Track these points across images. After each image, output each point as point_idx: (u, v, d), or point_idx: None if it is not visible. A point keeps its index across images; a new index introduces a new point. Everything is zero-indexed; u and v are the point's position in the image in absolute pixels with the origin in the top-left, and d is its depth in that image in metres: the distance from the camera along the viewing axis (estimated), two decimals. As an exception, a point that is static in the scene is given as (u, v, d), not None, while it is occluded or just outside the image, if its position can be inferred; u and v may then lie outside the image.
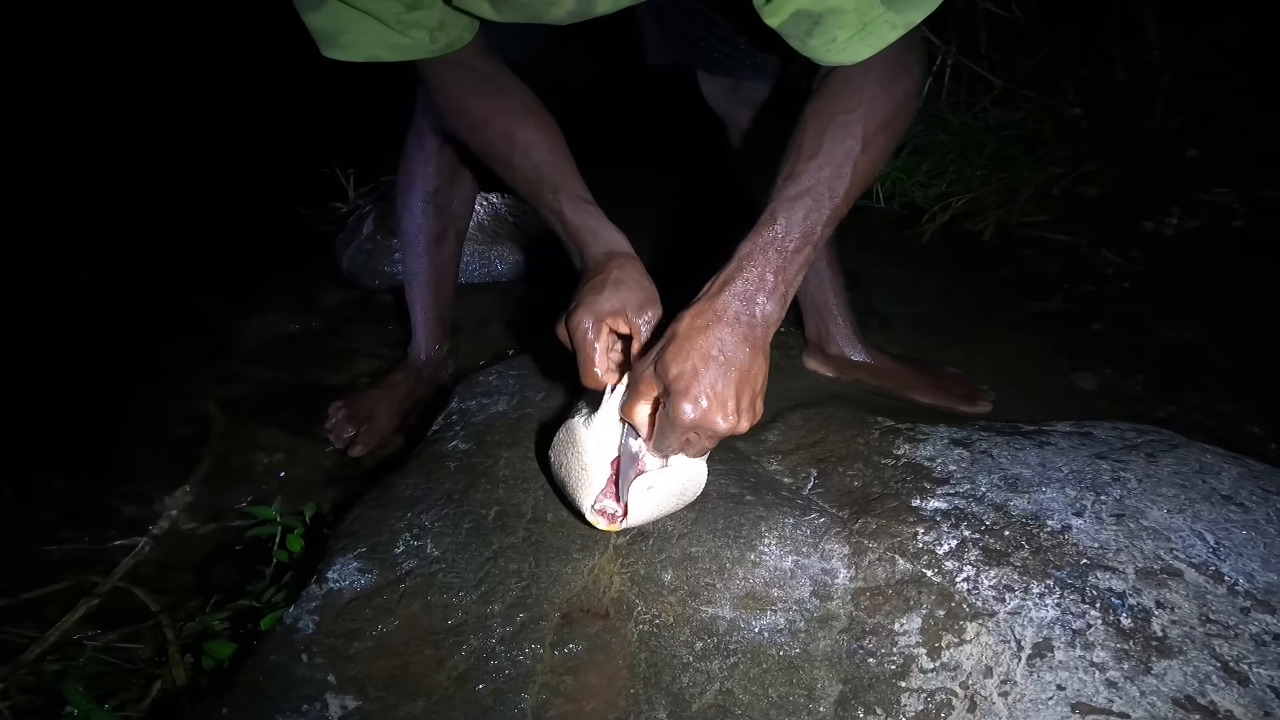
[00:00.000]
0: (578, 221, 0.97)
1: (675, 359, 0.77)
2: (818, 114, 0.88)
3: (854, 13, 0.85)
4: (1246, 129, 2.34)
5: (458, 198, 1.53)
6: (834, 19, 0.86)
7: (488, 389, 1.18)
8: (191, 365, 1.77)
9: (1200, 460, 0.99)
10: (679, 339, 0.78)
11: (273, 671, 0.82)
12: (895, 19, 0.86)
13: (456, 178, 1.51)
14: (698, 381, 0.76)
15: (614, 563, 0.91)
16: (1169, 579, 0.81)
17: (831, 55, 0.88)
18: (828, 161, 0.85)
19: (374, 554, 0.93)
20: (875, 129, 0.87)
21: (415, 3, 0.94)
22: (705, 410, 0.76)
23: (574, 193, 0.99)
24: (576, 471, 0.86)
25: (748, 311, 0.80)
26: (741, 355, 0.78)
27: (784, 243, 0.82)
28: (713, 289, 0.81)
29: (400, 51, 0.98)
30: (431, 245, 1.53)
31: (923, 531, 0.89)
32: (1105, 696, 0.71)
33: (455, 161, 1.49)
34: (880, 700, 0.75)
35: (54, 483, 1.48)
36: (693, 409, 0.76)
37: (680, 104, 1.61)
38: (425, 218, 1.50)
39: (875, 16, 0.86)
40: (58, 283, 2.10)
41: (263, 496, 1.41)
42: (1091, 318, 1.78)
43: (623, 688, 0.79)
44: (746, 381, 0.78)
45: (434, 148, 1.46)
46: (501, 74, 1.06)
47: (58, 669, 1.11)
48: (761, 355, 0.80)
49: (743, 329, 0.79)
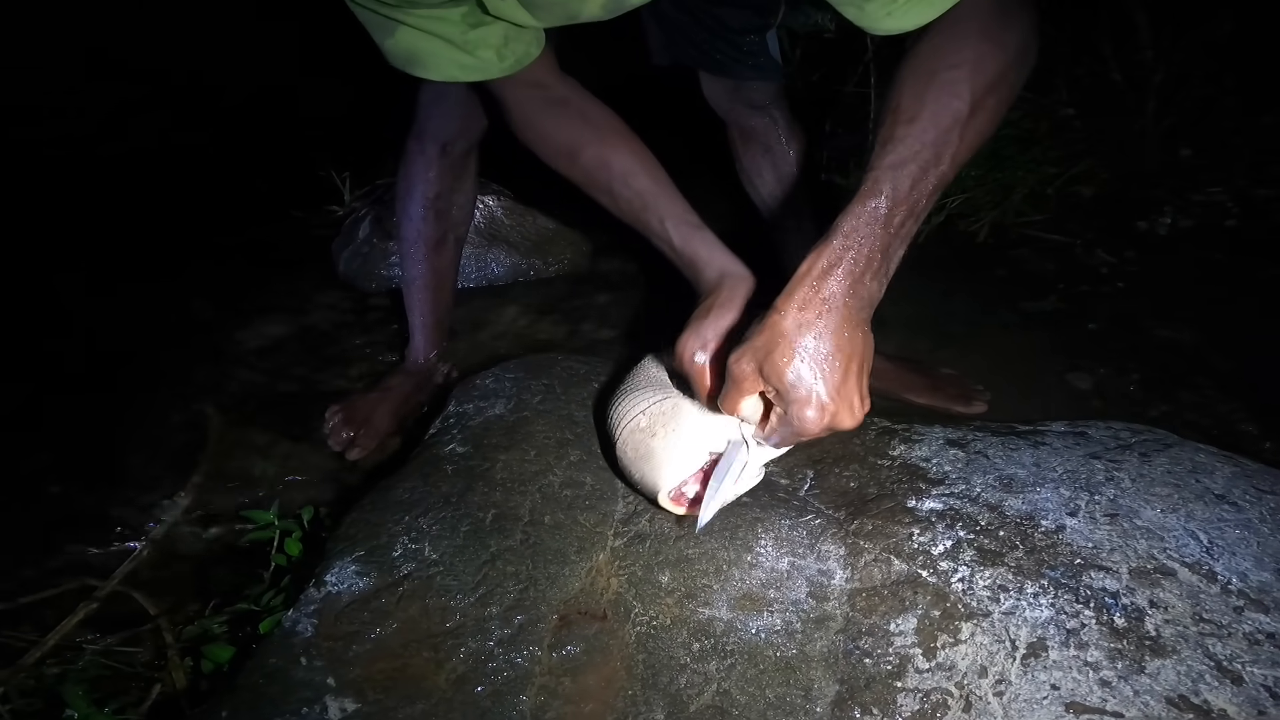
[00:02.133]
0: (689, 250, 0.95)
1: (785, 359, 0.71)
2: (916, 72, 0.79)
3: None
4: (1239, 129, 2.35)
5: (458, 204, 1.53)
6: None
7: (485, 392, 1.19)
8: (188, 368, 1.77)
9: (1194, 459, 0.99)
10: (786, 335, 0.72)
11: (272, 674, 0.83)
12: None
13: (457, 183, 1.51)
14: (819, 384, 0.71)
15: (611, 565, 0.91)
16: (1162, 578, 0.82)
17: (889, 22, 0.82)
18: (932, 124, 0.76)
19: (372, 557, 0.94)
20: (985, 88, 0.78)
21: (477, 21, 0.95)
22: (834, 413, 0.72)
23: (680, 219, 0.97)
24: (671, 447, 0.84)
25: (855, 295, 0.73)
26: (854, 345, 0.72)
27: (889, 216, 0.74)
28: (815, 271, 0.73)
29: (471, 71, 0.98)
30: (431, 251, 1.53)
31: (918, 532, 0.90)
32: (1099, 696, 0.72)
33: (456, 167, 1.49)
34: (876, 700, 0.76)
35: (51, 487, 1.48)
36: (818, 414, 0.71)
37: (682, 105, 1.62)
38: (425, 223, 1.51)
39: None
40: (57, 284, 2.11)
41: (260, 500, 1.41)
42: (1086, 317, 1.79)
43: (621, 689, 0.80)
44: (862, 371, 0.74)
45: (435, 153, 1.46)
46: (579, 95, 1.05)
47: (57, 673, 1.11)
48: (868, 338, 0.75)
49: (852, 316, 0.72)
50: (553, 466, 1.04)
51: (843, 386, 0.72)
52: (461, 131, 1.46)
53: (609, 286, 2.02)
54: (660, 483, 0.85)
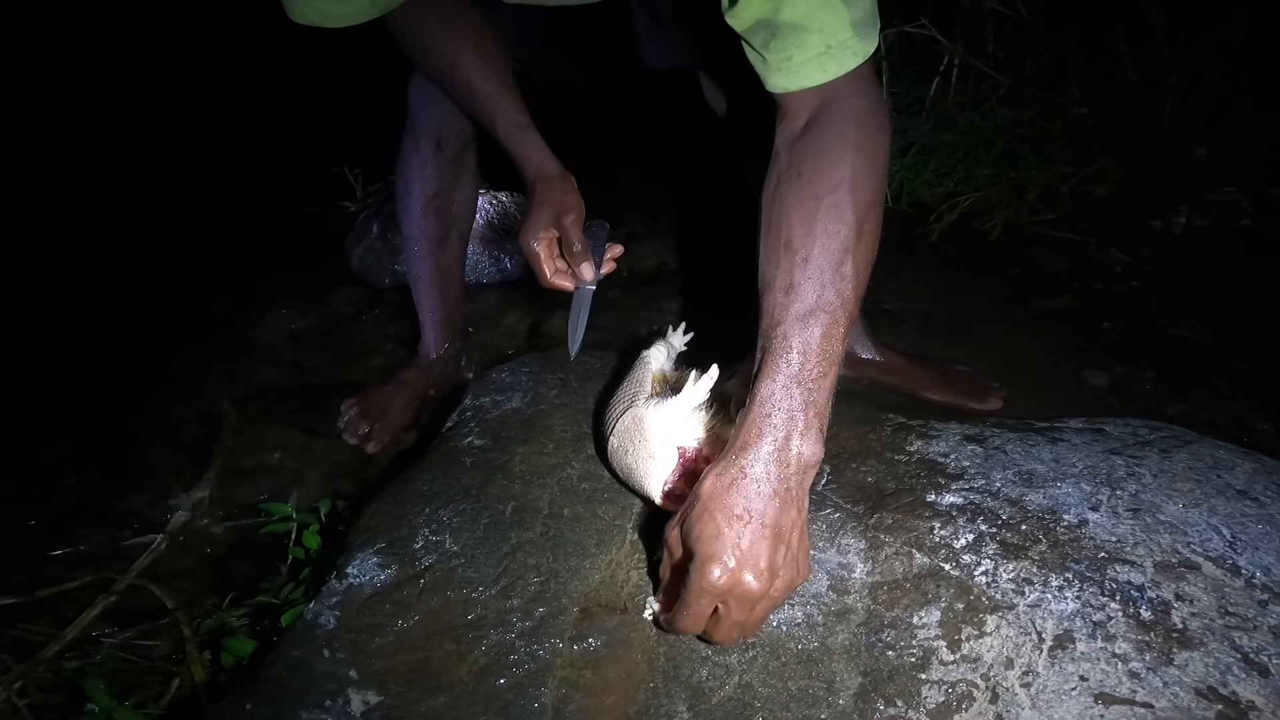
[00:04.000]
0: (515, 150, 1.06)
1: (699, 520, 0.72)
2: (800, 197, 0.81)
3: (819, 33, 0.80)
4: (1254, 128, 2.33)
5: (458, 200, 1.50)
6: (793, 36, 0.81)
7: (501, 386, 1.19)
8: (203, 364, 1.78)
9: (1214, 456, 0.99)
10: (703, 499, 0.73)
11: (295, 667, 0.83)
12: (858, 46, 0.82)
13: (455, 179, 1.48)
14: (720, 541, 0.70)
15: (631, 557, 0.91)
16: (1187, 572, 0.81)
17: (781, 77, 0.83)
18: (827, 262, 0.77)
19: (393, 549, 0.94)
20: (865, 208, 0.80)
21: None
22: (733, 572, 0.70)
23: (511, 120, 1.06)
24: (644, 459, 0.88)
25: (780, 460, 0.73)
26: (772, 510, 0.71)
27: (806, 372, 0.74)
28: (737, 443, 0.74)
29: (334, 19, 1.01)
30: (434, 249, 1.51)
31: (939, 526, 0.90)
32: (1129, 687, 0.71)
33: (454, 162, 1.46)
34: (900, 692, 0.75)
35: (69, 480, 1.49)
36: (720, 572, 0.70)
37: (677, 106, 1.62)
38: (425, 221, 1.48)
39: (841, 41, 0.81)
40: (74, 282, 2.12)
41: (277, 493, 1.41)
42: (1101, 316, 1.78)
43: (642, 681, 0.80)
44: (780, 538, 0.71)
45: (429, 150, 1.43)
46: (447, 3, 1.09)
47: (76, 666, 1.12)
48: (795, 507, 0.73)
49: (772, 482, 0.72)
50: (570, 460, 1.04)
51: (748, 545, 0.70)
52: (454, 127, 1.43)
53: (622, 282, 2.02)
54: (649, 492, 0.88)
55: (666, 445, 0.87)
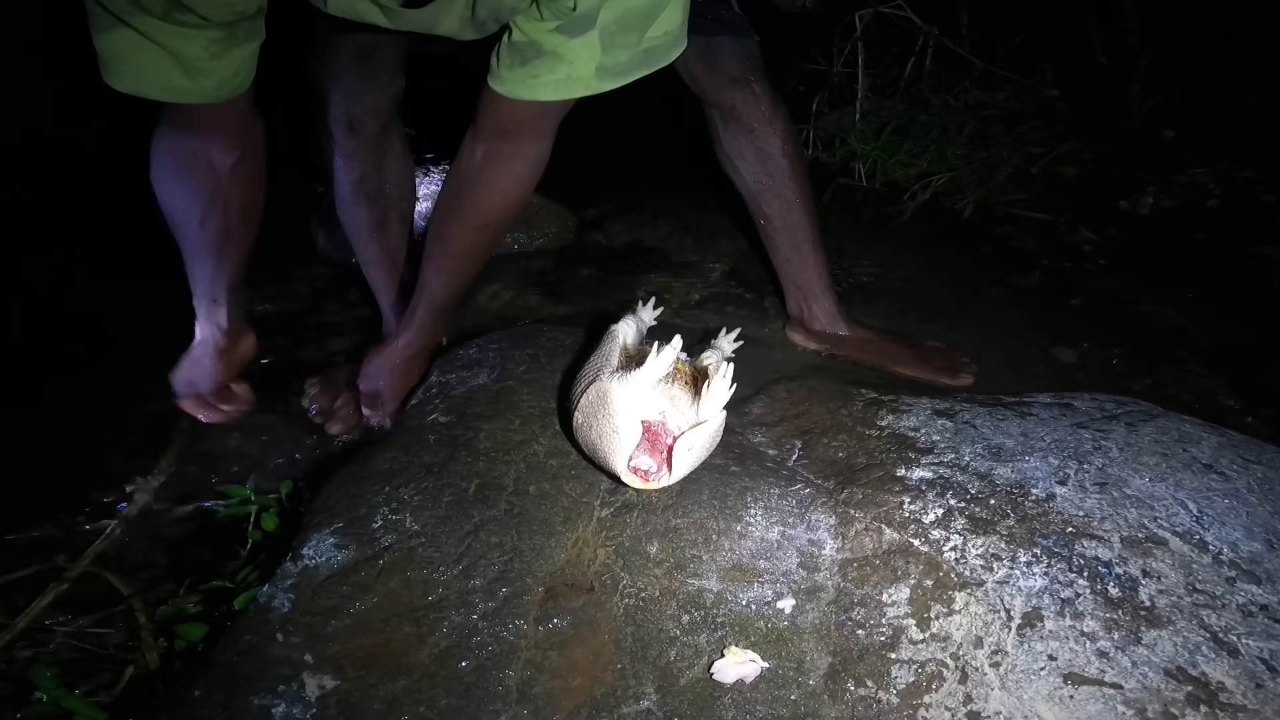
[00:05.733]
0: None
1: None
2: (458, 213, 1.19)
3: (568, 64, 0.94)
4: (1222, 111, 2.36)
5: (389, 181, 1.44)
6: (543, 62, 0.95)
7: (468, 362, 1.16)
8: (162, 344, 1.72)
9: (1180, 429, 0.99)
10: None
11: (247, 651, 0.80)
12: (595, 83, 0.97)
13: (380, 161, 1.42)
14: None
15: (598, 535, 0.89)
16: (1154, 548, 0.81)
17: (517, 88, 0.99)
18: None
19: (351, 529, 0.91)
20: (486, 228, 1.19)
21: (219, 53, 0.91)
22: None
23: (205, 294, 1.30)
24: (608, 433, 0.86)
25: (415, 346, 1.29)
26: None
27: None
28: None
29: (177, 95, 0.95)
30: (375, 233, 1.45)
31: (909, 500, 0.89)
32: (1097, 667, 0.71)
33: (373, 145, 1.40)
34: (870, 672, 0.74)
35: (21, 465, 1.44)
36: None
37: (650, 86, 1.59)
38: (359, 207, 1.43)
39: (583, 76, 0.96)
40: (28, 269, 2.04)
41: (236, 475, 1.37)
42: (1070, 293, 1.79)
43: (609, 662, 0.78)
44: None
45: (343, 135, 1.37)
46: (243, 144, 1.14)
47: (27, 656, 1.08)
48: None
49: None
50: (538, 436, 1.02)
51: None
52: (366, 108, 1.37)
53: (593, 260, 1.99)
54: (615, 464, 0.87)
55: (630, 419, 0.85)
